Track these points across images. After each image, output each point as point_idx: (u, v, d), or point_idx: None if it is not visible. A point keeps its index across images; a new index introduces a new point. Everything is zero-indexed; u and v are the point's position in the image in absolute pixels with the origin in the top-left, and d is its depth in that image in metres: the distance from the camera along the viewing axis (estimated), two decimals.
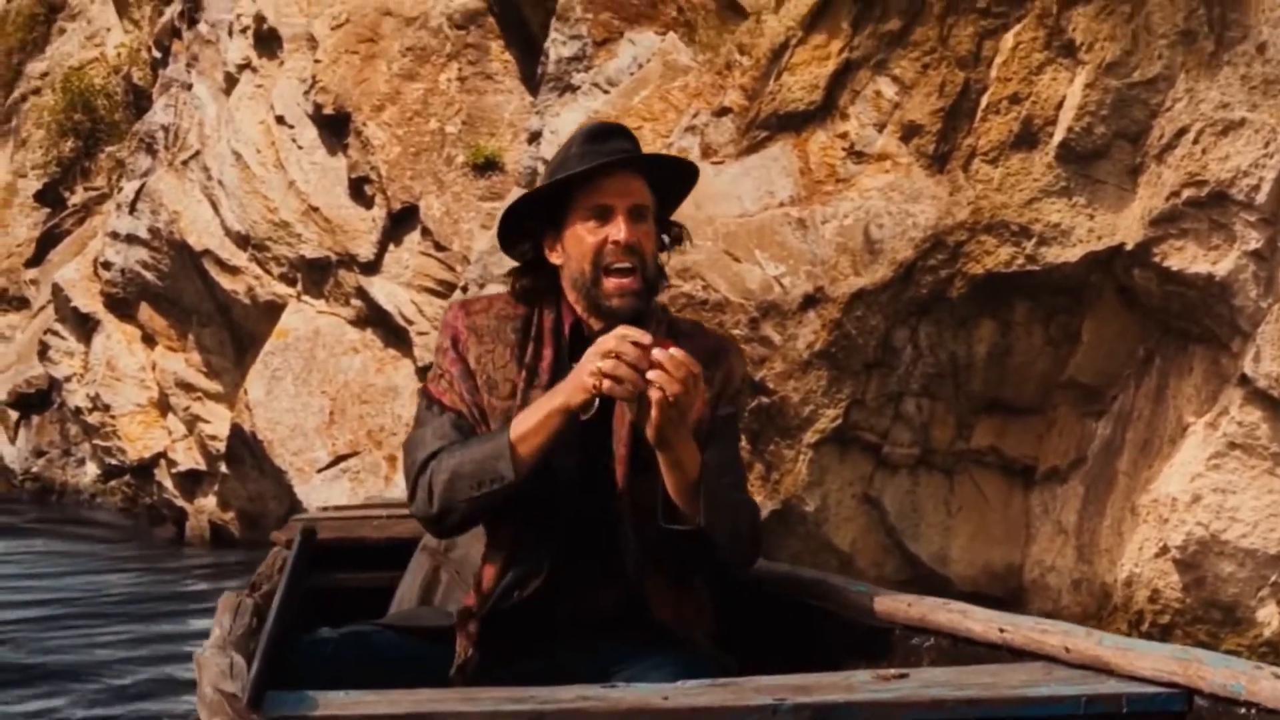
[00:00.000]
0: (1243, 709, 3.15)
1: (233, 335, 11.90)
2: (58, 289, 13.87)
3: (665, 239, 4.17)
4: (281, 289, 11.08)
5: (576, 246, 4.01)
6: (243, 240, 11.18)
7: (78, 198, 16.23)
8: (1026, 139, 5.58)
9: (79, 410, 13.63)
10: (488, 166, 9.86)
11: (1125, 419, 5.72)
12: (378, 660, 3.97)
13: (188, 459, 12.37)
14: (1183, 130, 5.34)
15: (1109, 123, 5.46)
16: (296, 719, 3.26)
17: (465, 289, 6.79)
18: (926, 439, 5.86)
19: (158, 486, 12.88)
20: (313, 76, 10.54)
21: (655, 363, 3.70)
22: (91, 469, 14.87)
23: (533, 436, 3.85)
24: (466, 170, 9.91)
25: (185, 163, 11.95)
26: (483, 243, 7.69)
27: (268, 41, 11.28)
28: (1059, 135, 5.52)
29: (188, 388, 12.14)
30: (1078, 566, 5.75)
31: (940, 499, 5.93)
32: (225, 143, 11.38)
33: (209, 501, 12.20)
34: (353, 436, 10.24)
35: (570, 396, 3.81)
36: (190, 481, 12.46)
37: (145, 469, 12.93)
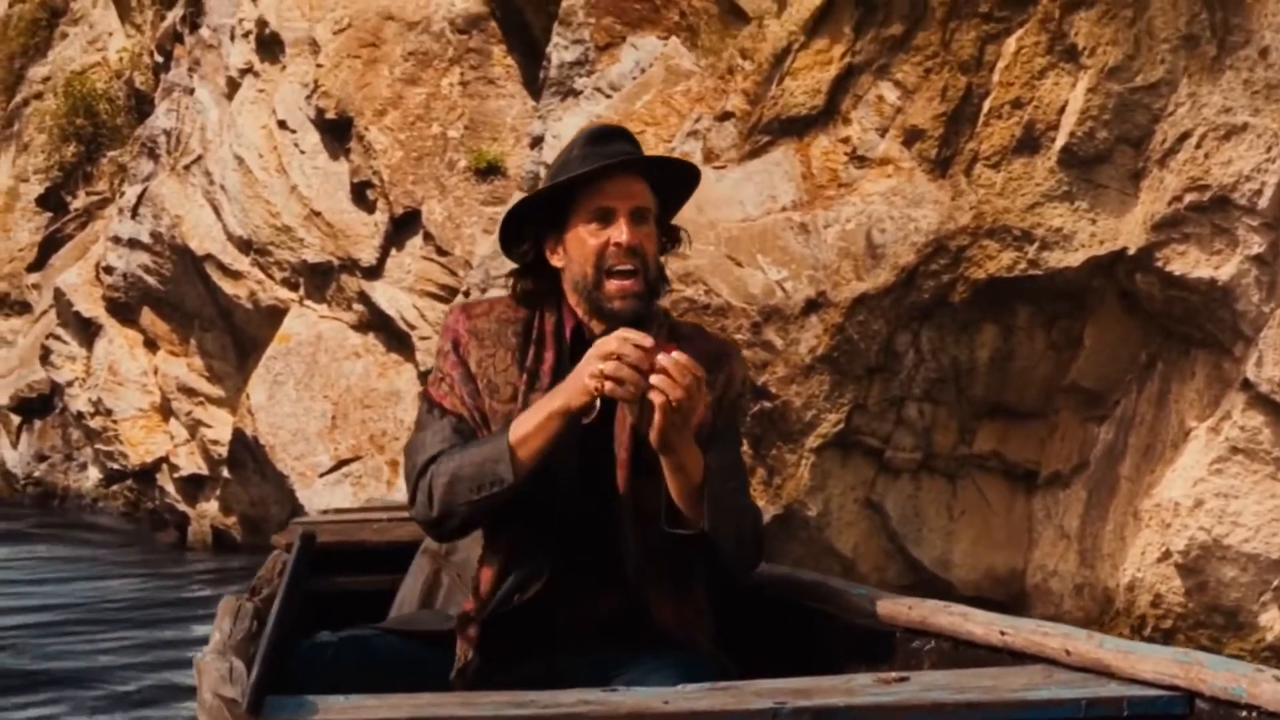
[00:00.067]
0: (1244, 712, 3.15)
1: (235, 340, 11.91)
2: (60, 294, 13.89)
3: (666, 243, 4.17)
4: (283, 294, 11.08)
5: (578, 249, 4.00)
6: (245, 245, 11.18)
7: (80, 202, 16.24)
8: (1029, 144, 5.57)
9: (81, 415, 13.65)
10: (490, 171, 9.87)
11: (1127, 423, 5.72)
12: (378, 664, 3.96)
13: (190, 464, 12.38)
14: (1185, 135, 5.34)
15: (1111, 127, 5.46)
16: None
17: (467, 293, 6.79)
18: (928, 443, 5.86)
19: (160, 491, 12.89)
20: (315, 81, 10.55)
21: (658, 367, 3.70)
22: (93, 474, 14.88)
23: (532, 439, 3.85)
24: (468, 175, 9.92)
25: (187, 167, 11.96)
26: (485, 247, 7.69)
27: (270, 46, 11.28)
28: (1061, 140, 5.52)
29: (190, 392, 12.15)
30: (1080, 571, 5.75)
31: (942, 504, 5.92)
32: (227, 147, 11.38)
33: (211, 506, 12.21)
34: (355, 441, 10.24)
35: (570, 399, 3.80)
36: (192, 486, 12.47)
37: (147, 474, 12.94)
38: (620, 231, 3.96)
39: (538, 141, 6.79)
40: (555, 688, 3.53)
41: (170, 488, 12.69)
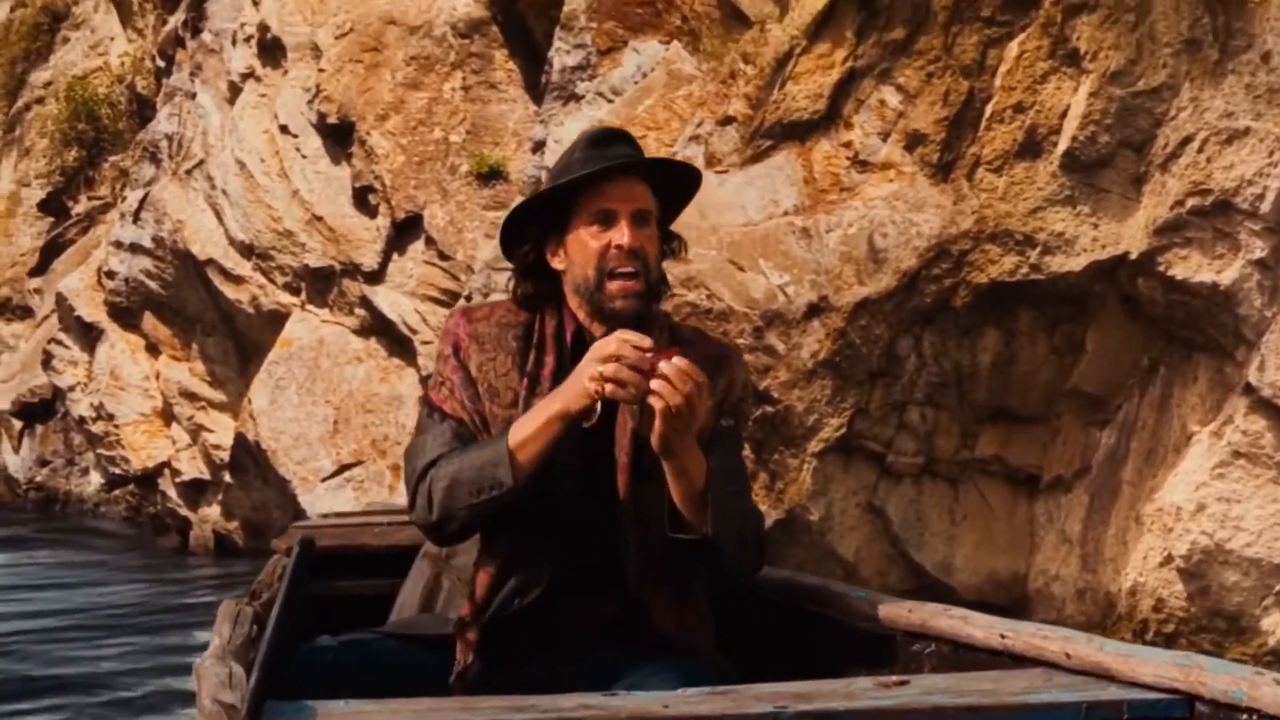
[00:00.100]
0: (1244, 715, 3.14)
1: (237, 344, 11.90)
2: (61, 298, 13.89)
3: (666, 249, 4.16)
4: (285, 298, 11.08)
5: (580, 251, 3.99)
6: (247, 249, 11.18)
7: (81, 207, 16.23)
8: (1031, 148, 5.57)
9: (83, 420, 13.64)
10: (492, 176, 9.86)
11: (1130, 428, 5.72)
12: (378, 668, 3.96)
13: (192, 468, 12.38)
14: (1187, 139, 5.34)
15: (1113, 132, 5.46)
16: None
17: (469, 298, 6.79)
18: (931, 448, 5.86)
19: (162, 496, 12.89)
20: (317, 85, 10.54)
21: (659, 373, 3.69)
22: (95, 478, 14.88)
23: (531, 443, 3.84)
24: (470, 179, 9.91)
25: (189, 172, 11.95)
26: (487, 252, 7.69)
27: (271, 50, 11.28)
28: (1063, 144, 5.51)
29: (191, 397, 12.15)
30: (1082, 575, 5.75)
31: (944, 508, 5.92)
32: (229, 152, 11.38)
33: (213, 511, 12.21)
34: (357, 446, 10.24)
35: (570, 402, 3.79)
36: (194, 491, 12.46)
37: (149, 478, 12.94)
38: (622, 234, 3.95)
39: (540, 146, 6.79)
40: (555, 692, 3.52)
41: (172, 492, 12.68)
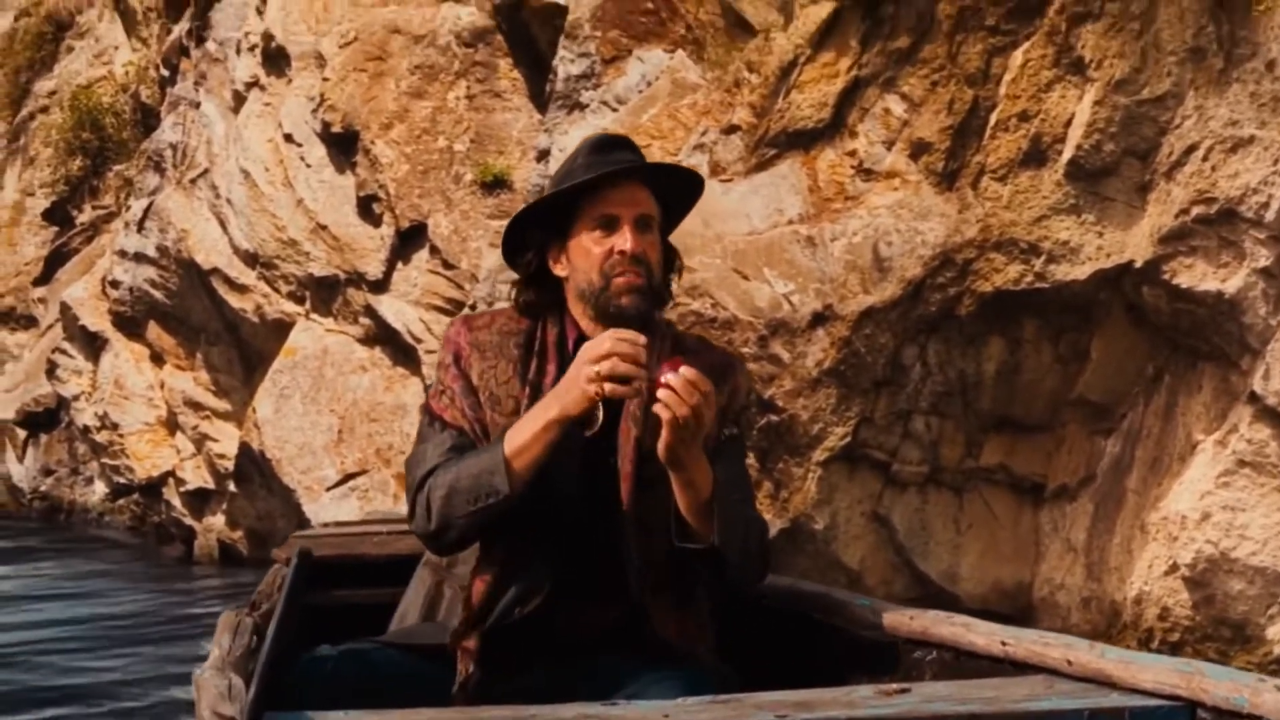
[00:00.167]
0: None
1: (241, 354, 11.90)
2: (66, 307, 13.89)
3: (668, 262, 4.14)
4: (290, 307, 11.07)
5: (583, 258, 3.97)
6: (251, 258, 11.18)
7: (86, 216, 16.24)
8: (1035, 156, 5.57)
9: (87, 429, 13.64)
10: (496, 184, 9.85)
11: (1134, 437, 5.72)
12: (377, 678, 3.95)
13: (196, 478, 12.38)
14: (1192, 147, 5.34)
15: (1118, 140, 5.46)
16: None
17: (474, 307, 6.79)
18: (935, 457, 5.86)
19: (166, 505, 12.88)
20: (321, 94, 10.54)
21: (666, 383, 3.68)
22: (100, 488, 14.88)
23: (528, 449, 3.81)
24: (475, 188, 9.90)
25: (193, 181, 11.95)
26: (491, 260, 7.68)
27: (276, 59, 11.28)
28: (1068, 153, 5.52)
29: (196, 406, 12.15)
30: (1087, 584, 5.74)
31: (949, 517, 5.92)
32: (233, 161, 11.38)
33: (217, 520, 12.20)
34: (361, 455, 10.23)
35: (569, 406, 3.77)
36: (199, 500, 12.46)
37: (153, 488, 12.94)
38: (625, 239, 3.93)
39: (544, 155, 6.79)
40: (556, 700, 3.52)
41: (176, 502, 12.68)
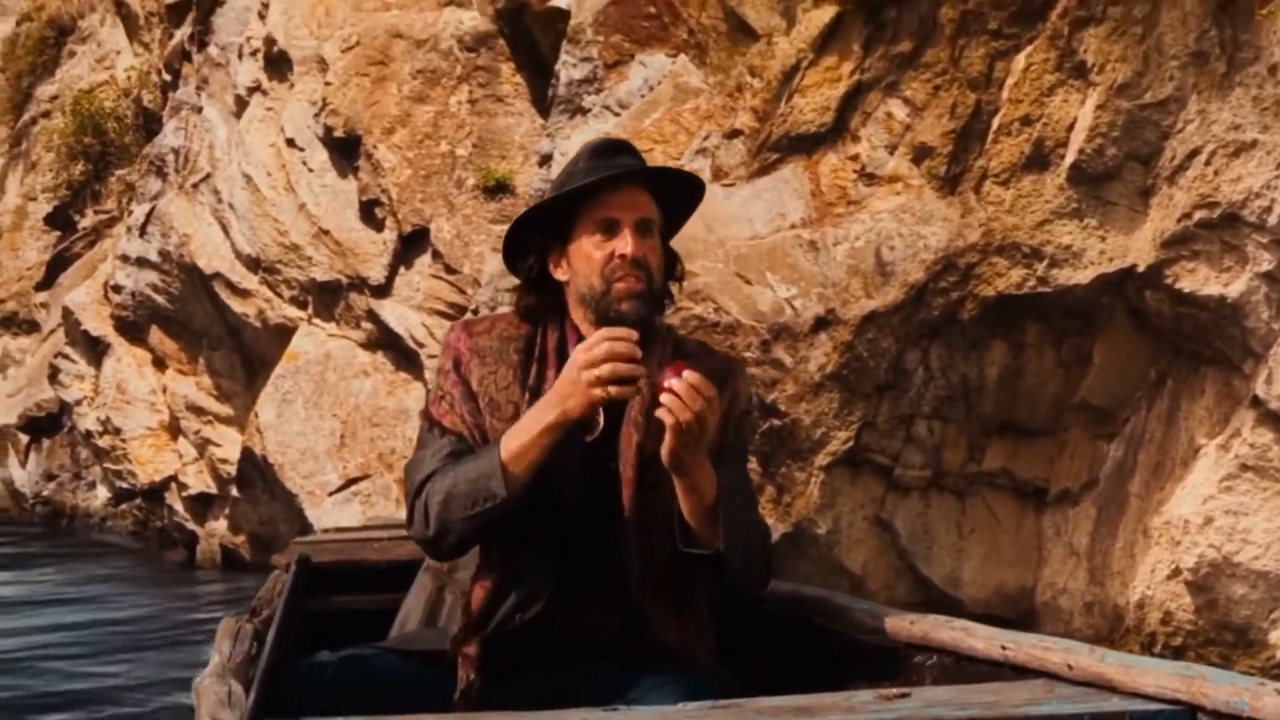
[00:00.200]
0: None
1: (243, 358, 11.91)
2: (68, 312, 13.90)
3: (670, 267, 4.14)
4: (292, 312, 11.07)
5: (584, 262, 3.97)
6: (253, 263, 11.18)
7: (88, 221, 16.25)
8: (1038, 161, 5.57)
9: (89, 434, 13.66)
10: (498, 189, 9.85)
11: (1137, 441, 5.71)
12: (377, 684, 3.95)
13: (198, 482, 12.38)
14: (1194, 152, 5.33)
15: (1120, 144, 5.45)
16: None
17: (476, 311, 6.78)
18: (938, 461, 5.86)
19: (168, 510, 12.89)
20: (323, 99, 10.54)
21: (669, 388, 3.67)
22: (102, 492, 14.88)
23: (525, 454, 3.80)
24: (477, 193, 9.90)
25: (195, 186, 11.96)
26: (493, 265, 7.68)
27: (278, 64, 11.28)
28: (1070, 157, 5.51)
29: (198, 411, 12.15)
30: (1090, 589, 5.74)
31: (952, 521, 5.92)
32: (236, 165, 11.38)
33: (220, 525, 12.20)
34: (363, 459, 10.23)
35: (571, 410, 3.77)
36: (201, 505, 12.46)
37: (156, 492, 12.94)
38: (625, 243, 3.93)
39: (546, 159, 6.79)
40: (556, 705, 3.52)
41: (179, 506, 12.69)
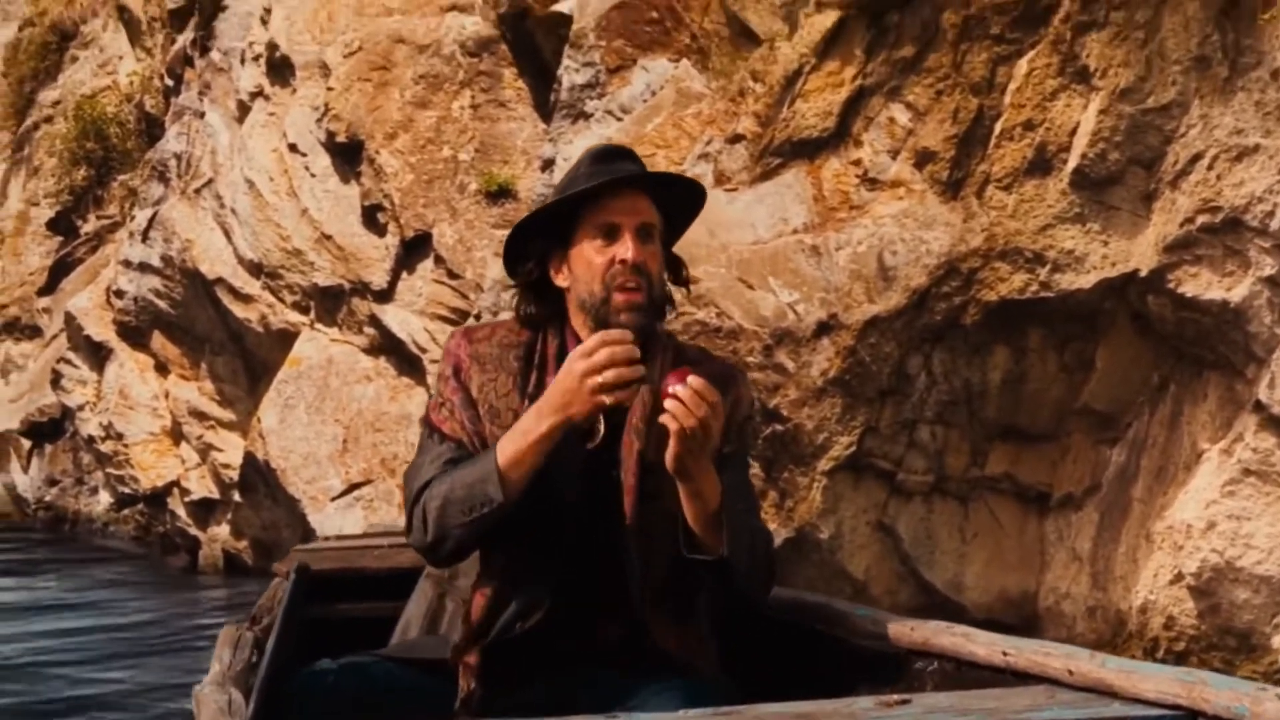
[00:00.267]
0: None
1: (246, 363, 11.90)
2: (70, 317, 13.90)
3: (671, 273, 4.14)
4: (294, 317, 11.07)
5: (585, 268, 3.96)
6: (255, 268, 11.18)
7: (90, 226, 16.24)
8: (1040, 165, 5.57)
9: (92, 439, 13.65)
10: (501, 194, 9.85)
11: (1140, 446, 5.71)
12: (377, 692, 3.93)
13: (201, 488, 12.38)
14: (1197, 156, 5.33)
15: (1123, 149, 5.46)
16: None
17: (478, 316, 6.78)
18: (941, 466, 5.86)
19: (171, 515, 12.88)
20: (325, 104, 10.54)
21: (673, 394, 3.67)
22: (104, 498, 14.88)
23: (523, 459, 3.78)
24: (479, 198, 9.90)
25: (198, 191, 11.96)
26: (496, 270, 7.68)
27: (280, 69, 11.28)
28: (1073, 162, 5.52)
29: (201, 416, 12.15)
30: (1092, 593, 5.74)
31: (955, 526, 5.92)
32: (238, 171, 11.38)
33: (222, 530, 12.20)
34: (366, 465, 10.22)
35: (569, 414, 3.75)
36: (203, 510, 12.46)
37: (158, 498, 12.94)
38: (626, 248, 3.91)
39: (549, 164, 6.78)
40: (557, 713, 3.50)
41: (181, 512, 12.68)
